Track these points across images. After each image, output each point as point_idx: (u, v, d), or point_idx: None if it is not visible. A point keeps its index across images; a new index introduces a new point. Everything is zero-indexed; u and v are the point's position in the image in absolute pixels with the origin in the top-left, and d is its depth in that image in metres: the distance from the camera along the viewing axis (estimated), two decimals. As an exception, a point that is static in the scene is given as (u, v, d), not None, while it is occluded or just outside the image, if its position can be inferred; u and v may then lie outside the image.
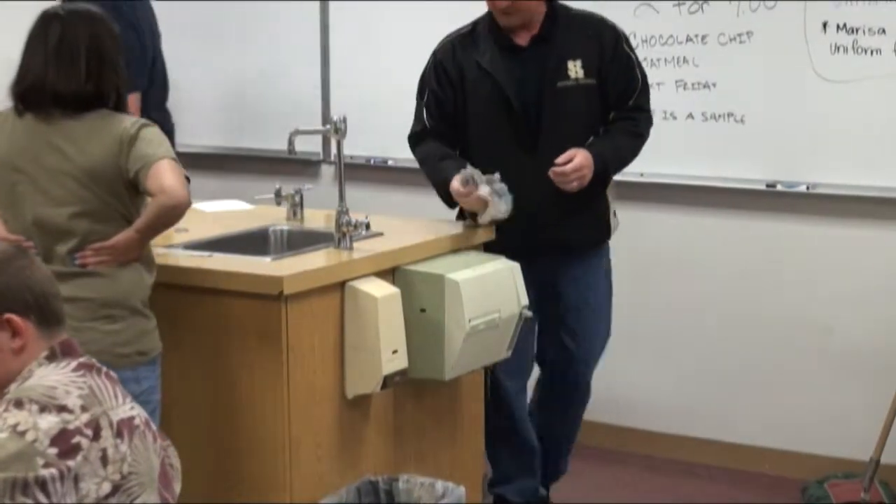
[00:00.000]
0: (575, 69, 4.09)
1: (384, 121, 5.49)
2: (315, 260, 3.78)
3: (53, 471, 2.13)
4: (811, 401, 4.90)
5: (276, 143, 4.90)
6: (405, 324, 3.76)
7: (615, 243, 4.41)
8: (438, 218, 4.42)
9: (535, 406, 4.49)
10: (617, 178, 4.33)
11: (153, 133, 3.33)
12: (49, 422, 2.16)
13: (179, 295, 3.62)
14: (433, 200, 4.30)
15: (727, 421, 5.08)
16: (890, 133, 4.67)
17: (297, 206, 4.37)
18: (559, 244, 4.19)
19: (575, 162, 4.00)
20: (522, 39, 4.14)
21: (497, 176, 4.02)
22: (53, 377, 2.26)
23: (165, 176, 3.23)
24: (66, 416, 2.19)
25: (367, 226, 3.91)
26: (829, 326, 4.88)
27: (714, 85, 4.90)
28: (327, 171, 5.73)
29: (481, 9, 4.26)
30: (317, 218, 4.35)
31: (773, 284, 4.95)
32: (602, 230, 4.28)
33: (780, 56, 4.79)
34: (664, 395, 5.05)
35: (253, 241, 4.18)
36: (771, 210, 4.92)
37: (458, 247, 4.09)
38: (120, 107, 3.38)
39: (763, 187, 4.87)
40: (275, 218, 4.38)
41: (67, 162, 3.31)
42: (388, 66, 5.51)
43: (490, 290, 3.91)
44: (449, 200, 4.21)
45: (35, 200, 3.35)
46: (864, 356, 4.82)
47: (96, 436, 2.21)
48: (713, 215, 5.04)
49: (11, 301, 2.31)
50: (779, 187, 4.86)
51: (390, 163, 5.59)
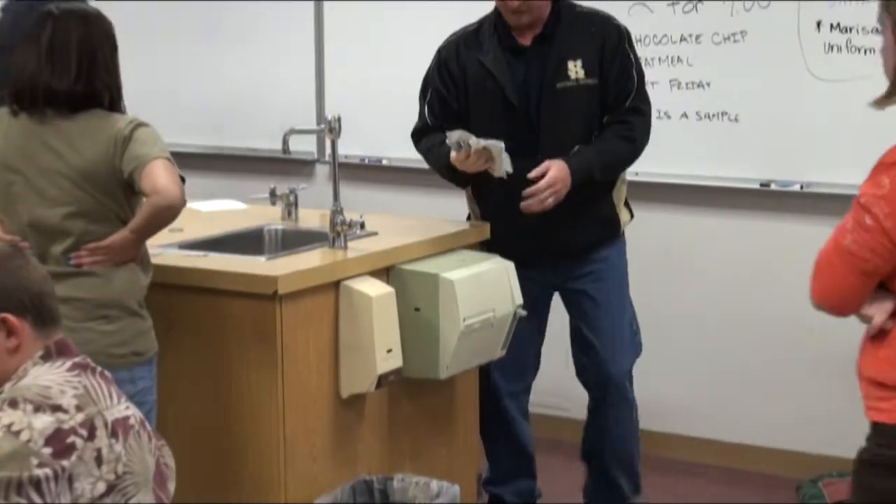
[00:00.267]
0: (575, 69, 4.02)
1: (379, 120, 5.49)
2: (310, 259, 3.78)
3: (48, 470, 2.13)
4: (806, 400, 4.90)
5: (270, 143, 4.91)
6: (400, 323, 3.76)
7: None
8: (433, 217, 4.43)
9: (584, 430, 4.37)
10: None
11: (147, 133, 3.31)
12: (44, 421, 2.16)
13: (174, 294, 3.62)
14: (428, 200, 4.31)
15: (723, 420, 5.08)
16: (883, 132, 4.64)
17: (291, 206, 4.37)
18: (564, 246, 4.12)
19: (548, 177, 3.91)
20: (526, 39, 4.07)
21: (492, 140, 3.88)
22: (48, 377, 2.26)
23: (159, 176, 3.22)
24: (60, 415, 2.19)
25: (362, 225, 3.91)
26: (825, 325, 4.86)
27: (708, 84, 4.90)
28: (322, 170, 5.73)
29: (475, 9, 4.25)
30: (311, 217, 4.35)
31: (767, 284, 4.95)
32: (609, 227, 4.20)
33: (775, 55, 4.79)
34: (659, 395, 5.04)
35: (248, 241, 4.18)
36: (765, 209, 4.92)
37: (452, 246, 4.09)
38: (115, 107, 3.37)
39: (757, 186, 4.88)
40: (269, 217, 4.38)
41: (62, 162, 3.31)
42: (383, 65, 5.51)
43: (484, 289, 3.92)
44: (457, 179, 4.14)
45: (30, 201, 3.34)
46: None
47: (91, 436, 2.21)
48: (707, 214, 5.04)
49: (7, 301, 2.31)
50: (773, 186, 4.86)
51: (385, 162, 5.59)
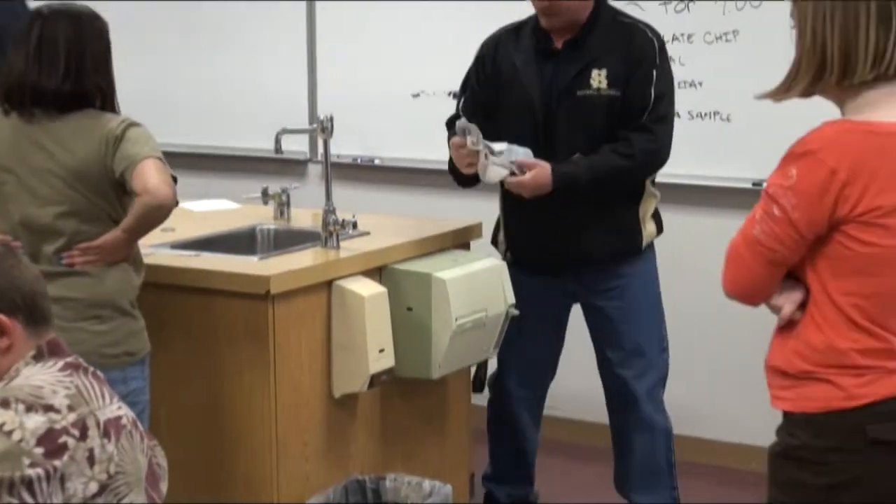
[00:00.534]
0: (599, 78, 3.89)
1: (371, 120, 5.49)
2: (302, 259, 3.78)
3: (39, 470, 2.13)
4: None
5: (262, 143, 4.89)
6: (392, 323, 3.76)
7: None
8: (425, 217, 4.43)
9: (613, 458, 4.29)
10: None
11: (139, 133, 3.31)
12: (35, 421, 2.16)
13: (166, 294, 3.62)
14: (420, 199, 4.31)
15: (722, 420, 5.08)
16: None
17: (283, 206, 4.37)
18: (578, 256, 4.00)
19: (526, 177, 3.82)
20: (559, 42, 3.95)
21: (505, 146, 3.82)
22: (40, 377, 2.26)
23: (150, 175, 3.22)
24: (52, 415, 2.18)
25: (354, 225, 3.91)
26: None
27: (700, 84, 4.90)
28: (314, 170, 5.72)
29: (468, 8, 4.24)
30: (304, 217, 4.35)
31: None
32: (629, 240, 4.05)
33: (767, 55, 4.74)
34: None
35: (240, 241, 4.18)
36: (757, 209, 4.92)
37: (444, 246, 4.09)
38: (107, 106, 3.37)
39: (749, 186, 4.87)
40: (262, 217, 4.38)
41: (53, 161, 3.31)
42: (375, 65, 5.50)
43: (477, 288, 3.92)
44: (458, 178, 4.05)
45: (22, 200, 3.34)
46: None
47: (83, 436, 2.20)
48: (699, 214, 5.04)
49: (-1, 300, 2.31)
50: (765, 185, 4.86)
51: (377, 162, 5.59)
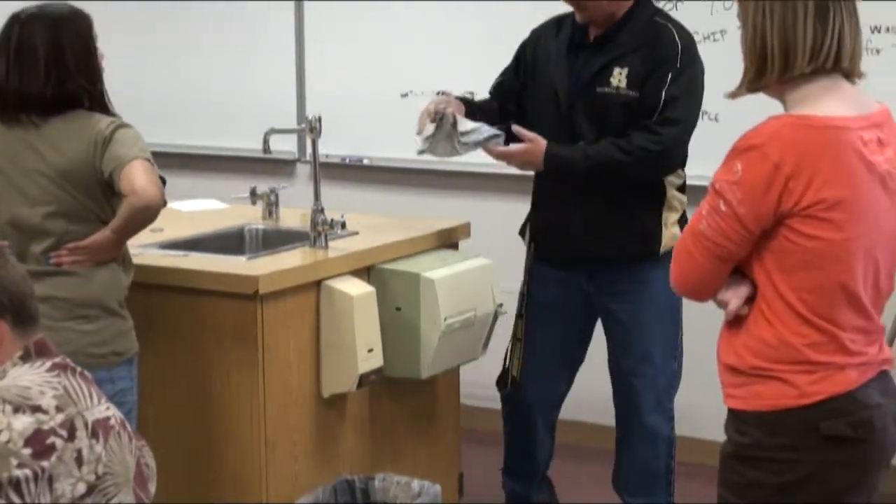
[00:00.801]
0: (619, 77, 3.80)
1: (360, 120, 5.49)
2: (290, 259, 3.78)
3: (27, 471, 2.12)
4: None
5: (251, 143, 4.89)
6: (381, 322, 3.76)
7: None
8: (414, 217, 4.43)
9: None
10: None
11: (128, 134, 3.30)
12: (23, 422, 2.15)
13: (155, 294, 3.62)
14: (409, 199, 4.30)
15: (705, 418, 5.08)
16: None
17: (272, 206, 4.37)
18: (592, 256, 3.91)
19: (514, 147, 3.82)
20: (591, 37, 3.88)
21: (474, 125, 3.82)
22: (28, 377, 2.26)
23: (137, 177, 3.21)
24: (40, 416, 2.18)
25: (343, 225, 3.91)
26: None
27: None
28: (303, 170, 5.72)
29: (459, 7, 4.23)
30: (292, 217, 4.35)
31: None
32: (645, 242, 3.90)
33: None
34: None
35: (228, 241, 4.18)
36: (745, 208, 4.92)
37: (433, 246, 4.09)
38: (95, 106, 3.36)
39: (737, 185, 4.88)
40: (250, 217, 4.38)
41: (43, 162, 3.30)
42: (364, 65, 5.50)
43: (465, 288, 3.92)
44: None
45: (11, 200, 3.34)
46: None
47: (71, 436, 2.20)
48: (688, 213, 5.04)
49: (-14, 301, 2.30)
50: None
51: (366, 162, 5.59)
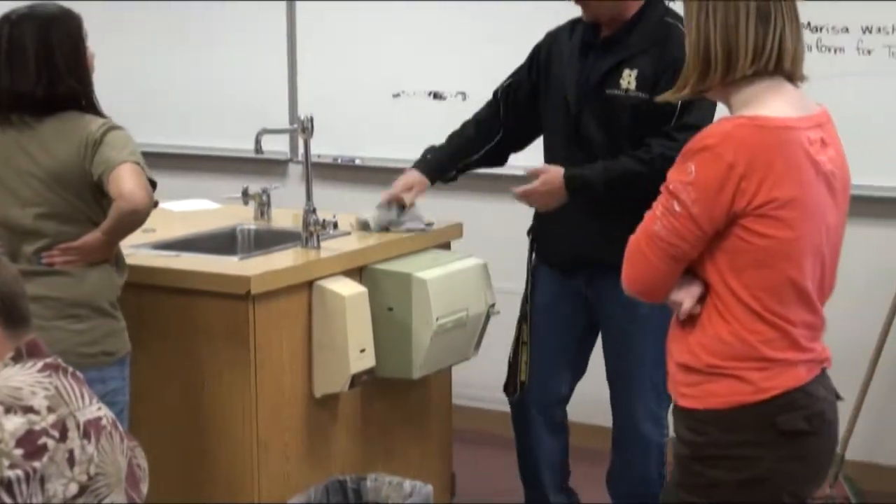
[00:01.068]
0: (629, 78, 3.70)
1: (352, 120, 5.49)
2: (283, 259, 3.78)
3: (19, 472, 2.12)
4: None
5: (243, 143, 4.89)
6: (373, 323, 3.76)
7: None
8: (406, 217, 4.42)
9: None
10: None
11: (118, 136, 3.30)
12: (15, 423, 2.15)
13: (147, 295, 3.62)
14: (400, 199, 4.28)
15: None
16: (853, 132, 4.68)
17: (264, 206, 4.37)
18: (592, 260, 3.80)
19: (535, 184, 3.75)
20: (602, 38, 3.80)
21: (417, 222, 3.98)
22: (19, 378, 2.25)
23: (125, 180, 3.21)
24: (32, 416, 2.18)
25: (335, 225, 3.92)
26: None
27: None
28: (295, 170, 5.72)
29: (450, 8, 4.22)
30: (284, 217, 4.34)
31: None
32: None
33: (745, 55, 4.80)
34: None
35: (220, 241, 4.18)
36: (736, 208, 4.92)
37: (425, 246, 4.10)
38: (88, 108, 3.36)
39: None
40: (242, 217, 4.38)
41: (34, 164, 3.30)
42: (356, 66, 5.50)
43: (457, 288, 3.92)
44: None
45: (3, 201, 3.34)
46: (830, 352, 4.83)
47: (63, 437, 2.20)
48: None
49: (-22, 302, 2.30)
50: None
51: (358, 162, 5.59)
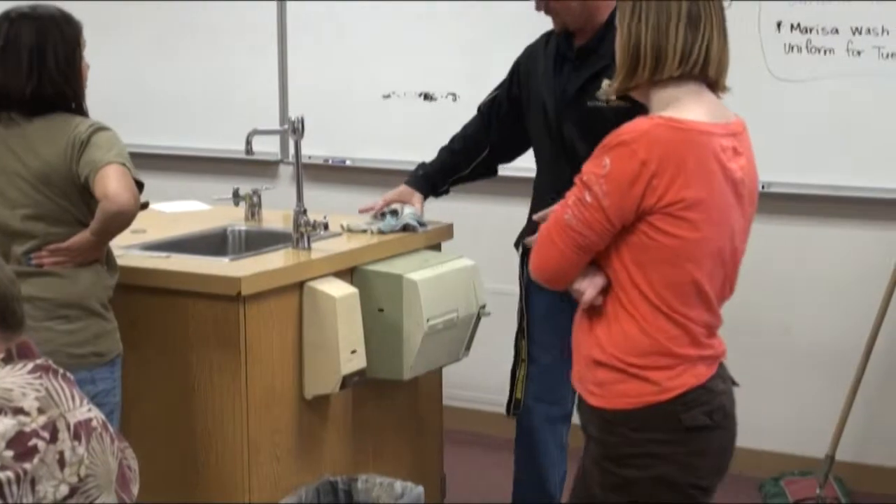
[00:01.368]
0: (609, 89, 3.60)
1: (342, 121, 5.49)
2: (273, 260, 3.78)
3: (10, 473, 2.12)
4: (767, 399, 4.93)
5: (233, 144, 4.89)
6: (364, 324, 3.76)
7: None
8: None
9: None
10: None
11: (105, 137, 3.30)
12: (5, 424, 2.15)
13: (137, 296, 3.61)
14: (391, 200, 4.29)
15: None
16: (844, 132, 4.71)
17: (255, 207, 4.37)
18: None
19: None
20: (575, 48, 3.76)
21: (414, 219, 3.97)
22: (9, 379, 2.25)
23: (110, 182, 3.21)
24: (22, 418, 2.18)
25: (326, 226, 3.91)
26: (783, 324, 4.91)
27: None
28: (285, 171, 5.72)
29: (441, 8, 4.21)
30: (275, 218, 4.34)
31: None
32: None
33: (735, 55, 4.75)
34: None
35: (211, 242, 4.18)
36: (727, 209, 4.93)
37: (416, 247, 4.10)
38: (78, 113, 3.36)
39: (719, 186, 4.89)
40: (233, 218, 4.37)
41: (21, 165, 3.30)
42: (346, 67, 5.50)
43: (448, 289, 3.92)
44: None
45: (-7, 202, 3.35)
46: (819, 354, 4.85)
47: (53, 438, 2.20)
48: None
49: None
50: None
51: (348, 163, 5.59)
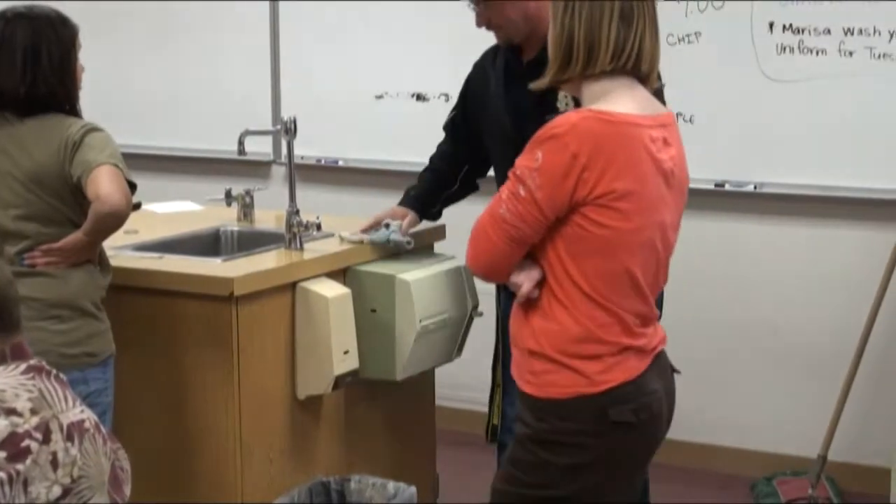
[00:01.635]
0: (566, 100, 3.52)
1: (335, 122, 5.49)
2: (266, 261, 3.78)
3: (2, 474, 2.12)
4: (759, 399, 4.94)
5: (226, 144, 4.88)
6: (356, 324, 3.76)
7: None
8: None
9: None
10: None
11: (97, 138, 3.30)
12: (-3, 425, 2.15)
13: (130, 296, 3.61)
14: (384, 201, 4.29)
15: (677, 420, 5.08)
16: (835, 133, 4.71)
17: (247, 207, 4.36)
18: None
19: None
20: (525, 62, 3.69)
21: (399, 235, 3.90)
22: (2, 380, 2.24)
23: (102, 183, 3.21)
24: (15, 419, 2.17)
25: (318, 226, 3.91)
26: (775, 324, 4.92)
27: (663, 85, 4.91)
28: (278, 171, 5.72)
29: (437, 8, 4.21)
30: (267, 219, 4.34)
31: (720, 283, 4.98)
32: None
33: (728, 56, 4.82)
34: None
35: (204, 243, 4.18)
36: (719, 209, 4.94)
37: (408, 247, 4.10)
38: (71, 114, 3.36)
39: (712, 187, 4.90)
40: (225, 219, 4.37)
41: (13, 165, 3.30)
42: (339, 67, 5.50)
43: (440, 290, 3.92)
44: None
45: (-15, 202, 3.34)
46: (811, 354, 4.86)
47: (46, 439, 2.19)
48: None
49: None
50: (727, 187, 4.89)
51: (341, 163, 5.59)
